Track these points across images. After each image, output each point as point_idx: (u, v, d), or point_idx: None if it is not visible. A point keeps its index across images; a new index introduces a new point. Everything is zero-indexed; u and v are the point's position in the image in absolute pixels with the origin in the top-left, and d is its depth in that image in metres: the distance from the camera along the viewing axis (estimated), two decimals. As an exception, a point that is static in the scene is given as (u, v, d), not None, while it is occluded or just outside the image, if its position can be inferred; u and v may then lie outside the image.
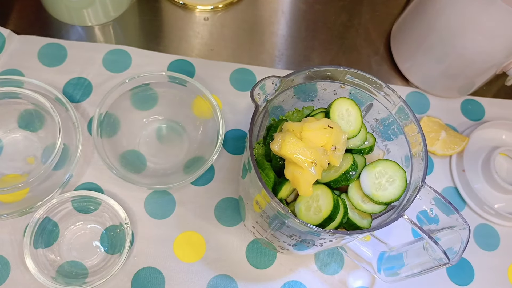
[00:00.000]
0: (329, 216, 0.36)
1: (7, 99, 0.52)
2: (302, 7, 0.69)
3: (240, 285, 0.50)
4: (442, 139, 0.58)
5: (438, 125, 0.60)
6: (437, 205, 0.36)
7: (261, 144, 0.42)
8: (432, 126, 0.59)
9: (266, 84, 0.38)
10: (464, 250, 0.36)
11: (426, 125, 0.59)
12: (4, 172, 0.53)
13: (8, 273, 0.48)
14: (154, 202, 0.53)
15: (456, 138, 0.58)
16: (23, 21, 0.64)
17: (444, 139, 0.58)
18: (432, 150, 0.58)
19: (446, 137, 0.58)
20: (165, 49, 0.63)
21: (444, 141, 0.58)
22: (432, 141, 0.58)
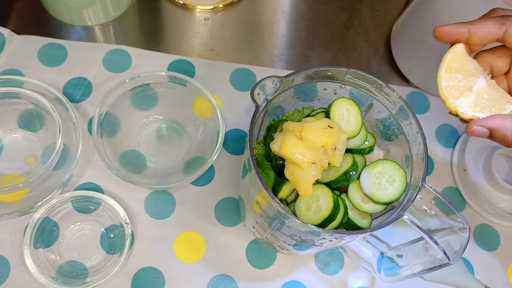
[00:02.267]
0: (329, 216, 0.36)
1: (7, 99, 0.52)
2: (302, 7, 0.69)
3: (240, 285, 0.50)
4: (477, 91, 0.34)
5: (475, 64, 0.35)
6: (438, 205, 0.36)
7: (261, 144, 0.42)
8: (464, 64, 0.35)
9: (266, 84, 0.38)
10: (464, 250, 0.36)
11: (457, 60, 0.35)
12: (4, 172, 0.53)
13: (8, 273, 0.48)
14: (154, 202, 0.53)
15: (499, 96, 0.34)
16: (23, 21, 0.64)
17: (480, 91, 0.34)
18: (455, 106, 0.34)
19: (485, 87, 0.34)
20: (165, 49, 0.63)
21: (479, 94, 0.34)
22: (454, 87, 0.35)
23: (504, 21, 0.31)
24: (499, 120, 0.30)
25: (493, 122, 0.31)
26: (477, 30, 0.32)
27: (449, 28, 0.32)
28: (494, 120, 0.31)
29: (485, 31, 0.31)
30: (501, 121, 0.30)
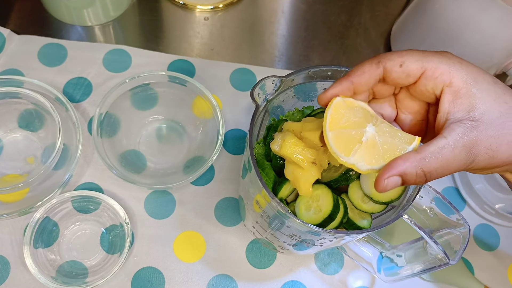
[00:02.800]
0: (329, 216, 0.36)
1: (7, 99, 0.53)
2: (302, 7, 0.69)
3: (240, 285, 0.50)
4: (367, 142, 0.30)
5: (361, 111, 0.32)
6: (437, 205, 0.36)
7: (261, 144, 0.42)
8: (347, 117, 0.31)
9: (266, 84, 0.38)
10: (464, 250, 0.36)
11: (337, 116, 0.31)
12: (4, 172, 0.53)
13: (8, 273, 0.48)
14: (154, 202, 0.53)
15: (394, 138, 0.30)
16: (23, 21, 0.64)
17: (370, 141, 0.30)
18: (351, 163, 0.30)
19: (374, 136, 0.30)
20: (165, 49, 0.63)
21: (370, 145, 0.30)
22: (344, 144, 0.30)
23: (379, 59, 0.30)
24: (401, 162, 0.28)
25: (396, 169, 0.28)
26: (358, 79, 0.31)
27: (333, 91, 0.31)
28: (396, 167, 0.28)
29: (364, 77, 0.31)
30: (403, 163, 0.28)
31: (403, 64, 0.29)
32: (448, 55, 0.30)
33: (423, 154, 0.28)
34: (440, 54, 0.30)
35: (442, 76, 0.29)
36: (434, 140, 0.29)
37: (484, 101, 0.28)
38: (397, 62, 0.29)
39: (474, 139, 0.28)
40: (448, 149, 0.28)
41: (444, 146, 0.28)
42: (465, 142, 0.28)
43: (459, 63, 0.29)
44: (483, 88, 0.29)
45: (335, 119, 0.31)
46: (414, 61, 0.29)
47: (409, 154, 0.29)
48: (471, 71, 0.29)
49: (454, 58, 0.30)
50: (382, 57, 0.30)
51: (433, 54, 0.30)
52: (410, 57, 0.29)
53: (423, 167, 0.28)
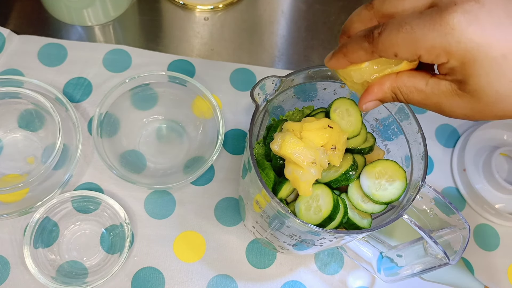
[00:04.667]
0: (329, 216, 0.36)
1: (7, 99, 0.53)
2: (302, 7, 0.69)
3: (240, 285, 0.50)
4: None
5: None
6: (437, 205, 0.36)
7: (261, 144, 0.42)
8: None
9: (266, 84, 0.38)
10: (464, 250, 0.36)
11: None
12: (4, 172, 0.53)
13: (8, 273, 0.48)
14: (154, 202, 0.53)
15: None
16: (23, 21, 0.64)
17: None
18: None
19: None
20: (165, 49, 0.63)
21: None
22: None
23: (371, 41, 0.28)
24: (377, 89, 0.30)
25: (372, 96, 0.30)
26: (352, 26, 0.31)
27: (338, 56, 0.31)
28: (371, 93, 0.30)
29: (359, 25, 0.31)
30: (379, 89, 0.30)
31: (397, 55, 0.27)
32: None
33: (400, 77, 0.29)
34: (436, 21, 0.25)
35: (439, 58, 0.26)
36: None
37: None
38: (390, 54, 0.27)
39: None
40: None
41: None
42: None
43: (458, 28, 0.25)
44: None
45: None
46: (406, 50, 0.26)
47: (387, 77, 0.30)
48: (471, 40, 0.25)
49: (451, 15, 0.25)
50: (375, 46, 0.27)
51: (426, 24, 0.25)
52: (402, 45, 0.26)
53: (399, 88, 0.29)
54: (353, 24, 0.31)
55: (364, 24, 0.30)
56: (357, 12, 0.31)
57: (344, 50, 0.30)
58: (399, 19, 0.27)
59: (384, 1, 0.29)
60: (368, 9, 0.30)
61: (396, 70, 0.30)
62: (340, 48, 0.30)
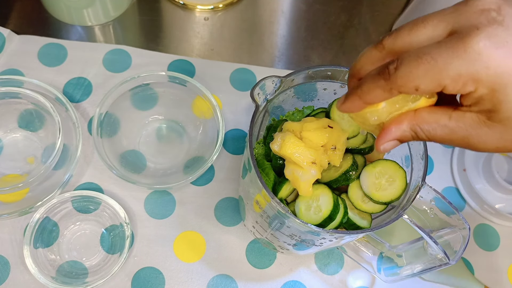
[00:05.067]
0: (329, 216, 0.36)
1: (7, 99, 0.53)
2: (302, 7, 0.69)
3: (240, 285, 0.50)
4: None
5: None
6: (437, 205, 0.36)
7: (261, 144, 0.42)
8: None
9: (266, 84, 0.38)
10: (464, 250, 0.36)
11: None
12: (4, 172, 0.53)
13: (8, 273, 0.48)
14: (154, 202, 0.53)
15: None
16: (23, 21, 0.64)
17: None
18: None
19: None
20: (165, 49, 0.63)
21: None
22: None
23: (391, 86, 0.26)
24: (395, 128, 0.28)
25: (390, 135, 0.28)
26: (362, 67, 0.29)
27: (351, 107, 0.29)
28: (389, 133, 0.28)
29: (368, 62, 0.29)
30: (396, 128, 0.28)
31: (419, 88, 0.25)
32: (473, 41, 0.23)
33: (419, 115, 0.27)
34: (460, 47, 0.24)
35: (466, 86, 0.24)
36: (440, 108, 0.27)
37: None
38: (410, 88, 0.25)
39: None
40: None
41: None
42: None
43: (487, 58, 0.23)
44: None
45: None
46: (429, 82, 0.24)
47: (404, 115, 0.28)
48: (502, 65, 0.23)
49: (476, 47, 0.23)
50: (393, 82, 0.26)
51: (449, 52, 0.24)
52: (424, 77, 0.24)
53: (419, 126, 0.27)
54: (362, 66, 0.29)
55: (375, 65, 0.28)
56: (366, 53, 0.29)
57: (358, 92, 0.27)
58: (417, 51, 0.25)
59: (396, 37, 0.27)
60: (379, 49, 0.28)
61: (414, 108, 0.28)
62: (354, 89, 0.28)
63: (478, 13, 0.24)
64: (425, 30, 0.26)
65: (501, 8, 0.24)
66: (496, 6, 0.24)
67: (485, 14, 0.24)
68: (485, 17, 0.24)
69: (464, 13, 0.25)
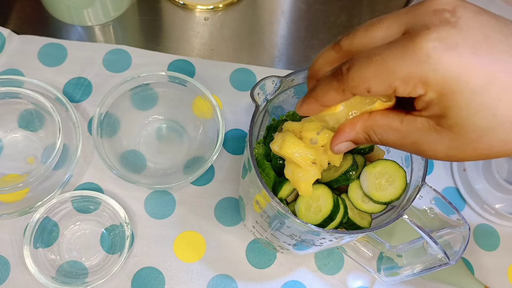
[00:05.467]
0: (329, 215, 0.36)
1: (7, 99, 0.53)
2: (302, 7, 0.69)
3: (240, 285, 0.50)
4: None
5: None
6: (437, 204, 0.36)
7: (261, 144, 0.42)
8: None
9: (266, 84, 0.38)
10: (464, 250, 0.36)
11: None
12: (4, 172, 0.53)
13: (8, 273, 0.48)
14: (154, 202, 0.53)
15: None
16: (23, 21, 0.64)
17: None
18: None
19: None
20: (165, 49, 0.63)
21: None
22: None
23: (343, 87, 0.25)
24: (348, 129, 0.28)
25: (343, 136, 0.28)
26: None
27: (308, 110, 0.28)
28: (343, 134, 0.28)
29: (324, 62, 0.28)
30: (349, 129, 0.28)
31: (370, 90, 0.24)
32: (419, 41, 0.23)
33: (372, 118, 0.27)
34: (408, 48, 0.23)
35: (416, 89, 0.24)
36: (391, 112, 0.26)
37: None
38: (362, 90, 0.25)
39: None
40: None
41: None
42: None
43: (437, 60, 0.22)
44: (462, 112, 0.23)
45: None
46: (380, 83, 0.24)
47: (359, 117, 0.27)
48: (450, 72, 0.22)
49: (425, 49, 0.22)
50: (345, 83, 0.25)
51: (398, 52, 0.23)
52: (375, 78, 0.24)
53: (372, 128, 0.27)
54: (320, 67, 0.28)
55: (332, 66, 0.27)
56: (323, 53, 0.28)
57: (313, 94, 0.27)
58: (368, 51, 0.24)
59: (353, 38, 0.26)
60: (336, 50, 0.27)
61: (370, 110, 0.27)
62: (310, 92, 0.27)
63: (431, 13, 0.23)
64: (381, 30, 0.25)
65: (456, 9, 0.23)
66: (451, 7, 0.23)
67: (438, 15, 0.23)
68: (438, 18, 0.23)
69: (418, 13, 0.24)
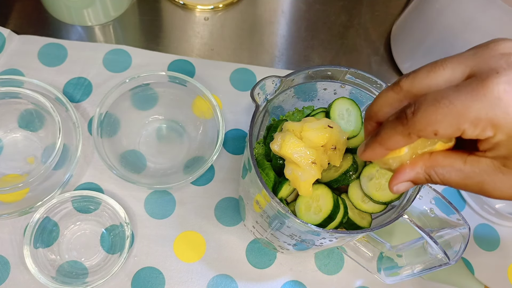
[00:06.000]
0: (329, 216, 0.36)
1: (7, 99, 0.53)
2: (302, 7, 0.69)
3: (240, 285, 0.50)
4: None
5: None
6: (437, 204, 0.36)
7: (261, 144, 0.42)
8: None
9: (266, 84, 0.38)
10: (464, 250, 0.36)
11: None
12: (4, 172, 0.53)
13: (8, 273, 0.48)
14: (154, 202, 0.53)
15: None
16: (23, 21, 0.64)
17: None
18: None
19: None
20: (165, 49, 0.63)
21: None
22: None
23: (408, 131, 0.26)
24: (409, 169, 0.28)
25: (403, 177, 0.28)
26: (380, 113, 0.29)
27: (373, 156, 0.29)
28: (402, 174, 0.28)
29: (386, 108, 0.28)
30: (409, 170, 0.28)
31: (438, 133, 0.25)
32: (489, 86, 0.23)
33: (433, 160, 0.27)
34: (480, 93, 0.23)
35: (485, 131, 0.24)
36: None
37: None
38: (429, 133, 0.25)
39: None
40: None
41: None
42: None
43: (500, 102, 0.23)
44: None
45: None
46: (448, 126, 0.24)
47: (419, 158, 0.28)
48: None
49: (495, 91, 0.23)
50: (411, 127, 0.25)
51: (468, 95, 0.23)
52: (442, 121, 0.24)
53: (433, 169, 0.27)
54: (380, 109, 0.28)
55: (393, 107, 0.28)
56: (383, 95, 0.28)
57: (378, 139, 0.27)
58: (434, 94, 0.24)
59: (413, 79, 0.26)
60: (396, 91, 0.27)
61: (431, 150, 0.28)
62: (374, 137, 0.28)
63: (498, 56, 0.24)
64: (444, 72, 0.25)
65: None
66: None
67: (505, 58, 0.24)
68: (505, 61, 0.24)
69: (483, 56, 0.25)
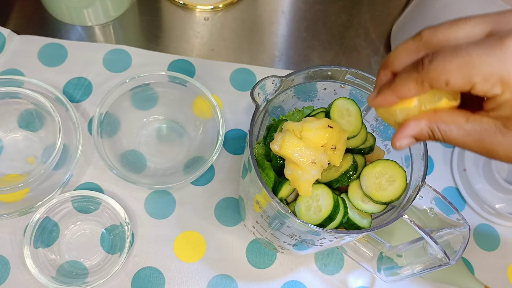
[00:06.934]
0: (329, 216, 0.36)
1: (7, 99, 0.53)
2: (302, 7, 0.69)
3: (240, 285, 0.50)
4: None
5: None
6: (438, 204, 0.36)
7: (261, 144, 0.42)
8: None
9: (266, 84, 0.38)
10: (464, 250, 0.36)
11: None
12: (4, 172, 0.53)
13: (8, 273, 0.48)
14: (154, 202, 0.53)
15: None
16: (23, 21, 0.64)
17: None
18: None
19: None
20: (165, 49, 0.63)
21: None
22: None
23: (422, 78, 0.26)
24: (413, 124, 0.28)
25: (407, 131, 0.29)
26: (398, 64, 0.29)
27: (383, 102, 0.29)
28: (407, 129, 0.29)
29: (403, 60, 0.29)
30: (414, 125, 0.28)
31: (449, 83, 0.25)
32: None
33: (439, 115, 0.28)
34: (492, 46, 0.24)
35: (494, 88, 0.24)
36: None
37: None
38: (441, 82, 0.25)
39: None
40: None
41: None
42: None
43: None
44: None
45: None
46: (460, 77, 0.25)
47: (424, 113, 0.28)
48: None
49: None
50: (425, 74, 0.26)
51: (486, 50, 0.24)
52: (456, 71, 0.25)
53: (436, 124, 0.28)
54: (398, 56, 0.29)
55: (410, 55, 0.28)
56: (402, 44, 0.29)
57: (392, 85, 0.28)
58: (454, 46, 0.25)
59: (434, 31, 0.27)
60: (416, 40, 0.28)
61: (435, 108, 0.28)
62: (388, 84, 0.28)
63: None
64: (465, 27, 0.26)
65: None
66: None
67: None
68: None
69: (506, 18, 0.25)
